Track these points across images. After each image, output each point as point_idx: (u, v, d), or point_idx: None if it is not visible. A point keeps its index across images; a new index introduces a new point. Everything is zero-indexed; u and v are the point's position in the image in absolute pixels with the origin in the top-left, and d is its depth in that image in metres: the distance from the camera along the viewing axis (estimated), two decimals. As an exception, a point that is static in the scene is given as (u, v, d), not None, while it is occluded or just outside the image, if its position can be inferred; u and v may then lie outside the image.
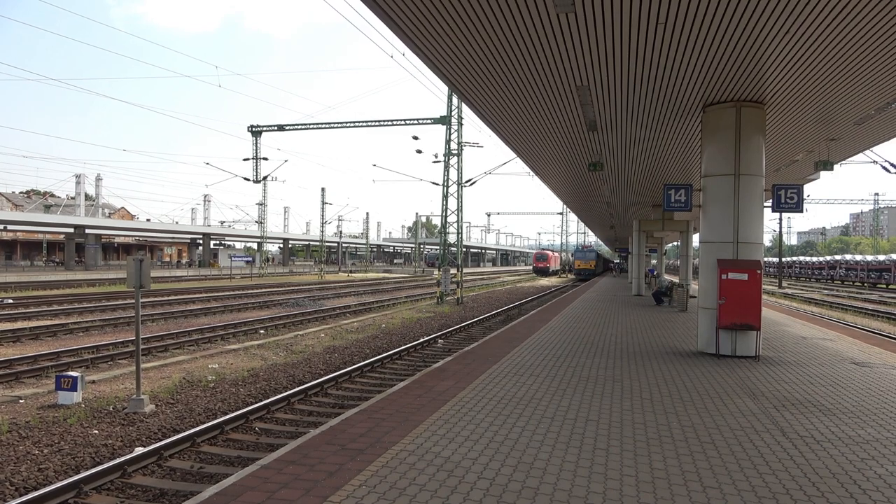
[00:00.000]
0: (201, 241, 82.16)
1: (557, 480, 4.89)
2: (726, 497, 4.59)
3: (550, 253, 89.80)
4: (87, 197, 70.53)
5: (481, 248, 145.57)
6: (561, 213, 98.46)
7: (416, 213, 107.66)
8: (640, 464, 5.31)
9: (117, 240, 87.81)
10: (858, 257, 67.44)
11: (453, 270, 33.72)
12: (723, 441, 6.03)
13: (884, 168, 26.19)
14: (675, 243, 59.45)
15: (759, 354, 11.18)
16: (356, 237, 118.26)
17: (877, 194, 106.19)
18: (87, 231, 63.19)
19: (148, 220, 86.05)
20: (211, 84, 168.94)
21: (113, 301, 28.10)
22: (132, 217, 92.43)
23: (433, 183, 37.17)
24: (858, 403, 7.72)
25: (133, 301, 10.44)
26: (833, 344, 13.59)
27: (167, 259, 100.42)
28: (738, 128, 11.24)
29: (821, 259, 78.31)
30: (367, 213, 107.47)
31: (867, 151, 17.63)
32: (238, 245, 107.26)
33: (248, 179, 43.23)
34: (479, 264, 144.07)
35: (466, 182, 34.84)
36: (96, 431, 8.79)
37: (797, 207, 12.49)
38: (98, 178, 75.19)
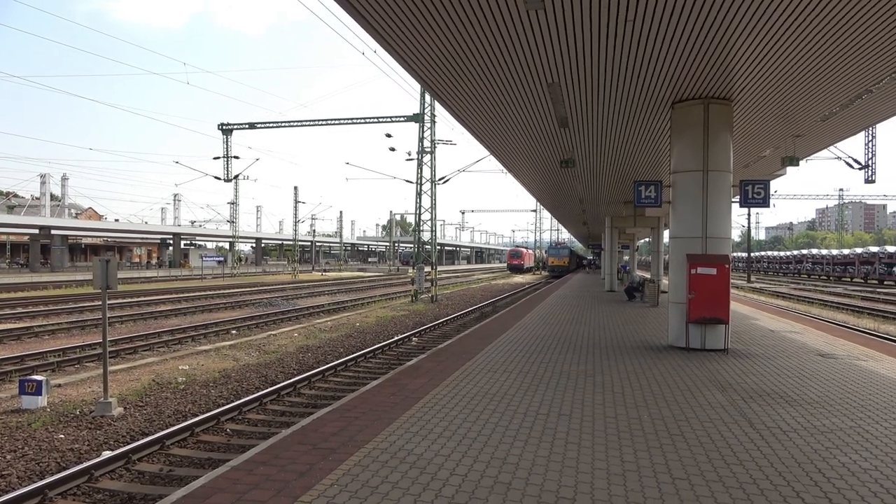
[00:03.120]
0: (171, 242, 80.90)
1: (530, 475, 4.91)
2: (695, 488, 4.66)
3: (524, 250, 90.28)
4: (52, 197, 68.99)
5: (456, 246, 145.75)
6: (535, 211, 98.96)
7: (391, 212, 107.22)
8: (611, 457, 5.35)
9: (85, 241, 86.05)
10: (824, 252, 69.05)
11: (428, 268, 33.70)
12: (692, 433, 6.11)
13: (847, 164, 26.87)
14: (647, 239, 60.22)
15: (727, 347, 11.36)
16: (330, 236, 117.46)
17: (841, 190, 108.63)
18: (53, 232, 61.80)
19: (116, 220, 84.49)
20: (179, 82, 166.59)
21: (80, 303, 27.52)
22: (100, 217, 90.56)
23: (407, 181, 37.14)
24: (824, 394, 7.89)
25: (100, 303, 10.24)
26: (800, 336, 13.88)
27: (137, 260, 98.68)
28: (706, 124, 11.41)
29: (788, 254, 79.95)
30: (341, 212, 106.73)
31: (832, 147, 18.05)
32: (210, 245, 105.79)
33: (219, 178, 42.70)
34: (453, 262, 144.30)
35: (440, 180, 34.84)
36: (62, 436, 8.60)
37: (764, 202, 12.72)
38: (64, 178, 73.67)
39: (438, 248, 41.71)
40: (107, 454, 7.54)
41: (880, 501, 4.44)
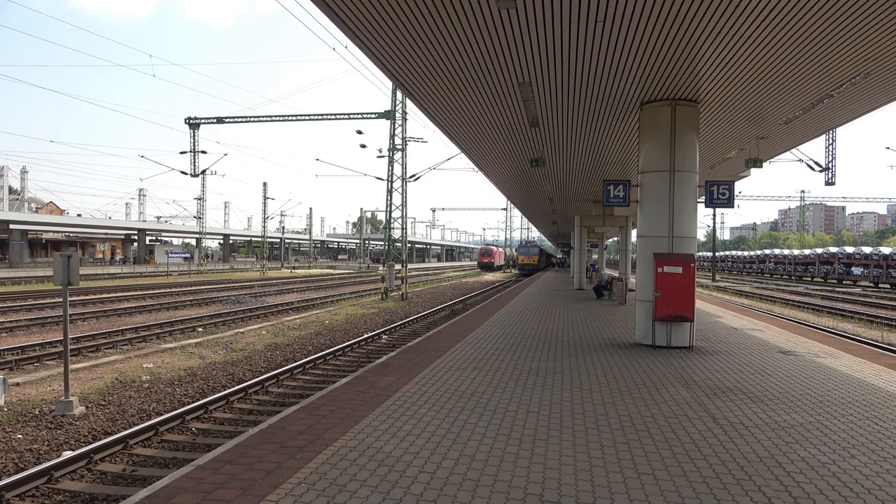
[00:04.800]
0: (136, 237, 79.28)
1: (498, 472, 4.93)
2: (659, 482, 4.73)
3: (495, 248, 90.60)
4: (11, 191, 67.09)
5: (426, 244, 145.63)
6: (505, 209, 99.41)
7: (361, 209, 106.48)
8: (578, 453, 5.41)
9: (45, 236, 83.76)
10: (786, 252, 70.71)
11: (398, 266, 33.62)
12: (657, 429, 6.21)
13: (809, 166, 27.53)
14: (616, 238, 60.97)
15: (692, 345, 11.57)
16: (300, 233, 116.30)
17: (803, 191, 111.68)
18: (12, 227, 60.04)
19: (79, 215, 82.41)
20: (145, 74, 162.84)
21: (40, 300, 26.81)
22: (61, 212, 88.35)
23: (377, 178, 37.00)
24: (784, 390, 8.09)
25: (61, 299, 10.00)
26: (762, 334, 14.19)
27: (100, 256, 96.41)
28: (674, 125, 11.58)
29: (751, 253, 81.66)
30: (311, 209, 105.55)
31: (794, 150, 18.48)
32: (176, 241, 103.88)
33: (185, 173, 41.85)
34: (424, 260, 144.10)
35: (411, 177, 34.76)
36: (20, 436, 8.38)
37: (728, 203, 12.97)
38: (23, 171, 71.79)
39: (409, 245, 41.66)
40: (67, 454, 7.36)
41: (837, 494, 4.57)
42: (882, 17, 7.55)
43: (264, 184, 67.32)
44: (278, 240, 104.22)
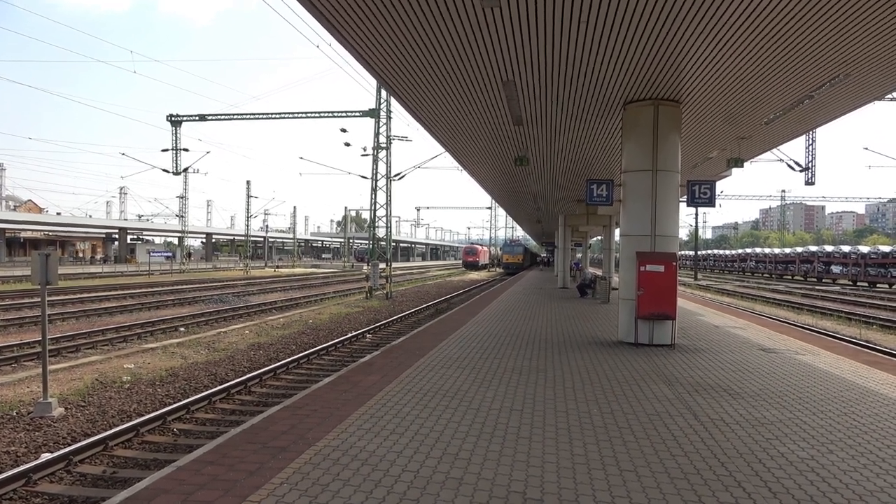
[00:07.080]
0: (117, 236, 78.36)
1: (481, 470, 4.94)
2: (641, 479, 4.77)
3: (480, 247, 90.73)
4: (-11, 189, 66.03)
5: (411, 243, 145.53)
6: (490, 208, 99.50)
7: (346, 208, 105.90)
8: (561, 450, 5.43)
9: (24, 234, 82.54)
10: (767, 251, 71.52)
11: (382, 265, 33.55)
12: (639, 426, 6.25)
13: (789, 166, 27.89)
14: (600, 238, 61.31)
15: (674, 343, 11.67)
16: (283, 231, 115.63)
17: (783, 191, 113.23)
18: (-10, 225, 59.15)
19: (58, 213, 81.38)
20: (125, 70, 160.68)
21: (18, 300, 26.40)
22: (40, 210, 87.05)
23: (362, 176, 36.88)
24: (764, 387, 8.18)
25: (39, 299, 9.86)
26: (743, 332, 14.34)
27: (80, 255, 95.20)
28: (656, 125, 11.66)
29: (733, 252, 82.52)
30: (295, 207, 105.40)
31: (774, 150, 18.70)
32: (157, 240, 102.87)
33: (167, 171, 41.41)
34: (408, 259, 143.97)
35: (395, 176, 34.70)
36: (-3, 438, 8.24)
37: (710, 202, 13.09)
38: (1, 168, 70.53)
39: (393, 244, 41.56)
40: (46, 456, 7.26)
41: (815, 489, 4.63)
42: (861, 19, 7.65)
43: (247, 182, 66.84)
44: (262, 239, 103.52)
